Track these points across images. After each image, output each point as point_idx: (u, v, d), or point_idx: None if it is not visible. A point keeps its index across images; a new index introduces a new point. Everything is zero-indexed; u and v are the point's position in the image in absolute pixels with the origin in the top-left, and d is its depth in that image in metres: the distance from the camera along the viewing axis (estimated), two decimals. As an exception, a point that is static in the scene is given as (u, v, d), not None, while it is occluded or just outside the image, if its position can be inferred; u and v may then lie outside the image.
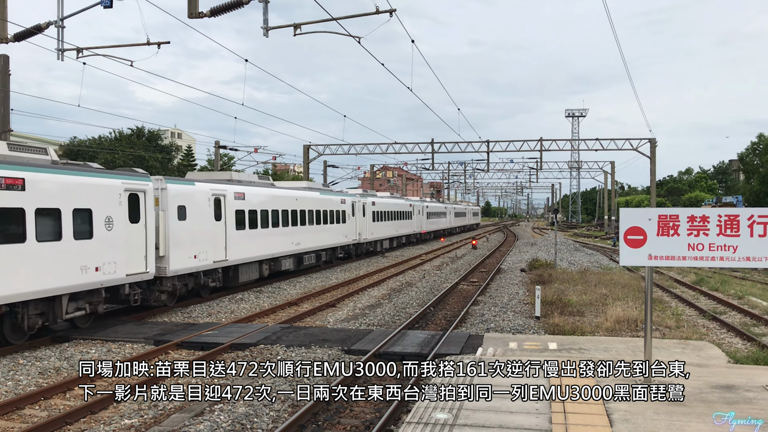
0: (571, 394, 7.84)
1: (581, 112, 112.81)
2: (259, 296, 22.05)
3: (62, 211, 14.15)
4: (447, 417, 7.41)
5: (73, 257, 14.41)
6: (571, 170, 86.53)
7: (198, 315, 18.42)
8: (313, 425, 9.17)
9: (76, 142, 60.79)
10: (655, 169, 49.54)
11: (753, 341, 14.86)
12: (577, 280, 24.90)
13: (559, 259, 34.90)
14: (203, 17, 14.98)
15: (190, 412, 9.58)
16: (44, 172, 13.89)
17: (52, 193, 13.92)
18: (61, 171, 14.45)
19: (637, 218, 8.83)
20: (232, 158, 70.48)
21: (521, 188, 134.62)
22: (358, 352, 13.16)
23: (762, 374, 9.25)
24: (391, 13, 17.13)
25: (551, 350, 12.37)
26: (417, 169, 74.14)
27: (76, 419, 9.48)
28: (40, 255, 13.56)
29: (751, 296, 22.07)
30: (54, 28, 16.79)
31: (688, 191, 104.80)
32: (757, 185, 70.94)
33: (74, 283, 14.43)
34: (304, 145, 52.16)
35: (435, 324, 17.19)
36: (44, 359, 13.00)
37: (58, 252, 14.01)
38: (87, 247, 14.84)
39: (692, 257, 8.67)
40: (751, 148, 75.76)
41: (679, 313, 18.62)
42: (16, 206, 12.98)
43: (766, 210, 8.55)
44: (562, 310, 18.09)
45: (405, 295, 22.18)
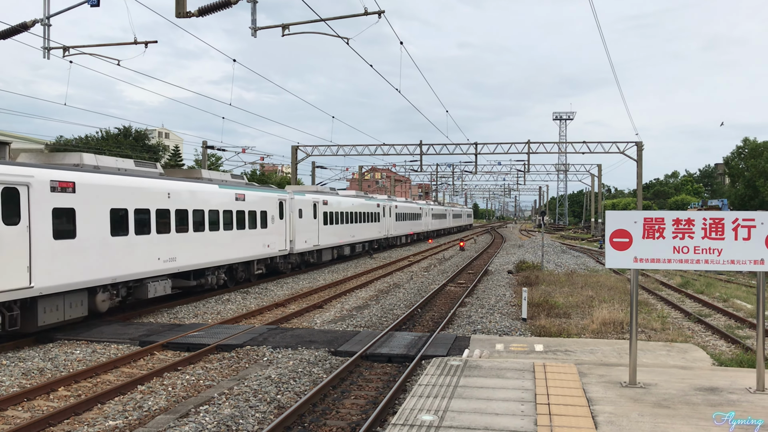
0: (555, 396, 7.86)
1: (569, 115, 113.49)
2: (246, 297, 21.97)
3: (267, 212, 25.60)
4: (433, 419, 7.41)
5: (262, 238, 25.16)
6: (559, 173, 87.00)
7: (184, 316, 18.33)
8: (299, 427, 9.14)
9: (63, 141, 60.36)
10: (642, 173, 49.82)
11: (737, 344, 14.98)
12: (564, 282, 25.00)
13: (545, 261, 35.02)
14: (191, 17, 14.90)
15: (175, 413, 9.52)
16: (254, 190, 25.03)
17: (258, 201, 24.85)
18: (259, 189, 26.03)
19: (623, 221, 8.88)
20: (219, 158, 70.28)
21: (509, 190, 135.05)
22: (345, 354, 13.14)
23: (745, 376, 9.32)
24: (380, 14, 17.14)
25: (537, 352, 12.40)
26: (405, 170, 74.16)
27: (59, 420, 9.39)
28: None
29: (736, 299, 22.25)
30: (40, 26, 16.65)
31: (675, 194, 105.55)
32: (742, 189, 71.59)
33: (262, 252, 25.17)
34: (293, 146, 51.94)
35: (422, 325, 17.19)
36: (28, 360, 12.88)
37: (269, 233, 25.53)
38: (266, 232, 25.65)
39: (677, 260, 8.72)
40: (737, 152, 76.45)
41: (664, 316, 18.73)
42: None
43: (751, 213, 8.62)
44: (548, 312, 18.15)
45: (392, 297, 22.18)
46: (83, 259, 15.34)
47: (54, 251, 14.41)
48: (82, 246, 15.30)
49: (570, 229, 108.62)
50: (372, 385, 11.29)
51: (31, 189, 13.90)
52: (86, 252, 15.45)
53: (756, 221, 8.49)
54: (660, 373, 9.58)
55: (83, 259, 15.34)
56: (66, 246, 14.81)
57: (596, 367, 9.93)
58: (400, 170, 75.62)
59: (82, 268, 15.29)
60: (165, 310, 19.11)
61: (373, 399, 10.43)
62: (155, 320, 17.63)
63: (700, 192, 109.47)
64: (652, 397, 8.21)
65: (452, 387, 8.73)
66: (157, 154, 66.43)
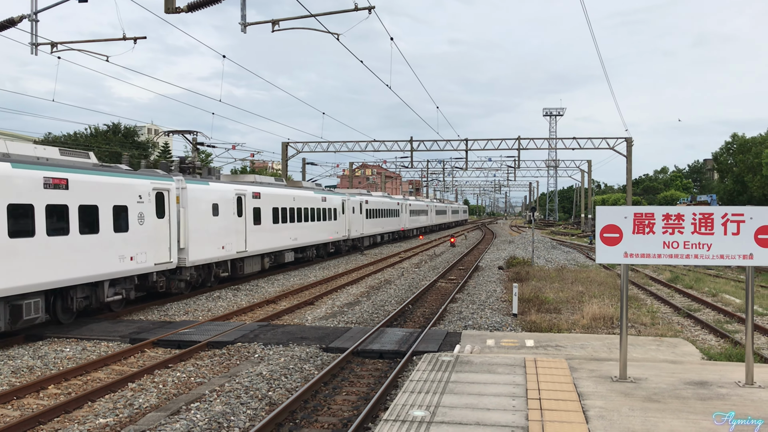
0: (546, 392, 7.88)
1: (559, 111, 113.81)
2: (237, 294, 21.92)
3: (336, 209, 33.48)
4: (424, 414, 7.42)
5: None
6: (549, 169, 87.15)
7: (174, 313, 18.27)
8: (290, 423, 9.13)
9: (51, 138, 59.94)
10: (632, 168, 50.03)
11: (726, 338, 15.08)
12: (554, 277, 25.08)
13: (536, 256, 35.14)
14: (180, 12, 14.82)
15: (166, 410, 9.49)
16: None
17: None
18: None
19: (613, 216, 8.90)
20: (209, 155, 69.97)
21: (499, 186, 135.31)
22: (336, 350, 13.14)
23: (734, 370, 9.38)
24: (370, 10, 17.10)
25: (528, 347, 12.45)
26: (396, 167, 74.18)
27: (49, 419, 9.35)
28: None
29: (725, 294, 22.39)
30: (27, 22, 16.53)
31: (664, 190, 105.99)
32: (731, 184, 71.99)
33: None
34: (283, 143, 51.79)
35: (413, 321, 17.21)
36: (17, 358, 12.80)
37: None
38: (336, 223, 34.96)
39: (667, 255, 8.75)
40: (725, 148, 76.85)
41: (654, 311, 18.83)
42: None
43: (740, 208, 8.66)
44: (539, 308, 18.21)
45: (383, 293, 22.18)
46: (261, 237, 25.80)
47: (253, 232, 24.98)
48: (261, 229, 25.73)
49: (560, 224, 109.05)
50: (363, 382, 11.29)
51: (245, 197, 24.50)
52: (263, 233, 25.95)
53: (745, 216, 8.53)
54: (650, 367, 9.63)
55: (261, 238, 25.81)
56: (256, 229, 25.25)
57: (587, 362, 9.97)
58: (391, 167, 75.65)
59: (262, 242, 25.89)
60: (155, 307, 19.03)
61: (365, 395, 10.43)
62: (145, 317, 17.56)
63: (689, 187, 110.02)
64: (642, 392, 8.25)
65: (443, 382, 8.75)
66: (146, 150, 66.06)
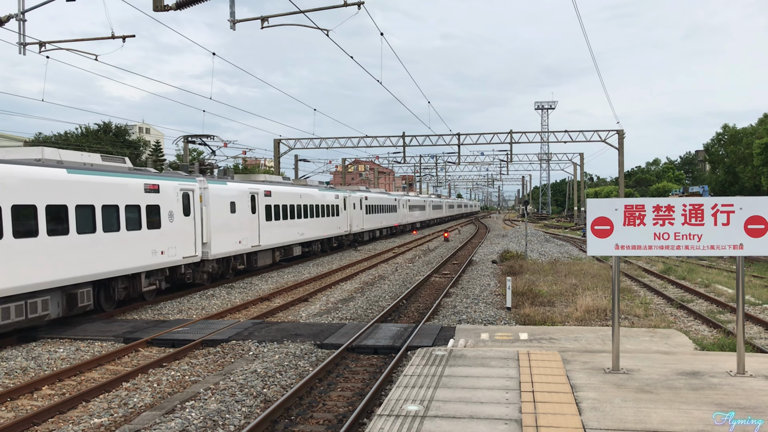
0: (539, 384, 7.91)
1: (551, 104, 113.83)
2: (231, 292, 21.90)
3: (338, 205, 35.84)
4: (418, 408, 7.44)
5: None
6: (541, 162, 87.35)
7: (168, 312, 18.24)
8: (285, 420, 9.15)
9: (42, 138, 59.65)
10: (623, 160, 50.17)
11: (719, 328, 15.18)
12: (548, 270, 25.16)
13: (529, 250, 35.23)
14: (168, 10, 14.76)
15: (160, 409, 9.48)
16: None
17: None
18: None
19: (603, 208, 8.93)
20: (201, 153, 69.86)
21: (492, 180, 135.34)
22: (331, 347, 13.15)
23: (726, 360, 9.44)
24: (359, 5, 17.08)
25: (522, 340, 12.49)
26: (389, 162, 74.12)
27: (44, 419, 9.33)
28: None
29: (717, 284, 22.51)
30: (15, 22, 16.43)
31: (656, 182, 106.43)
32: (722, 175, 72.36)
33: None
34: (275, 140, 51.68)
35: (407, 317, 17.24)
36: (10, 359, 12.76)
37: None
38: (338, 219, 37.03)
39: (658, 246, 8.79)
40: (717, 139, 77.18)
41: (647, 302, 18.91)
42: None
43: (729, 199, 8.70)
44: (532, 301, 18.26)
45: (378, 289, 22.20)
46: (273, 233, 27.36)
47: (265, 228, 26.45)
48: (273, 225, 27.26)
49: (553, 218, 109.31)
50: (358, 377, 11.31)
51: (258, 195, 26.26)
52: (274, 229, 27.45)
53: (735, 206, 8.57)
54: (643, 358, 9.68)
55: (273, 233, 27.37)
56: (268, 225, 26.75)
57: (580, 354, 10.01)
58: (384, 162, 75.62)
59: (273, 237, 27.37)
60: (149, 306, 19.00)
61: (360, 390, 10.46)
62: (139, 317, 17.53)
63: (681, 179, 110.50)
64: (634, 383, 8.30)
65: (437, 377, 8.77)
66: (137, 149, 65.82)
